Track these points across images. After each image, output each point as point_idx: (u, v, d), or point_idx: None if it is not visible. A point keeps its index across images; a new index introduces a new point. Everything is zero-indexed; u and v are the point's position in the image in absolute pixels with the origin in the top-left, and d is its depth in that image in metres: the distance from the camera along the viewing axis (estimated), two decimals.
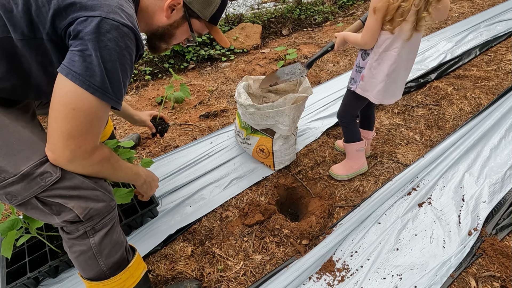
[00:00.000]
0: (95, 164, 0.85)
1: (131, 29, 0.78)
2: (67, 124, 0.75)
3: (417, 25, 1.21)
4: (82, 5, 0.74)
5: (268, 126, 1.68)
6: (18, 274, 1.24)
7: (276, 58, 3.08)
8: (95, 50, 0.72)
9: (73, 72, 0.73)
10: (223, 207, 1.62)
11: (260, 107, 1.58)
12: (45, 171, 0.78)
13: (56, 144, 0.77)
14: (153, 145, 2.05)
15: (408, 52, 1.32)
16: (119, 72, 0.78)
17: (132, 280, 1.04)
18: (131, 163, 1.05)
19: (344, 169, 1.73)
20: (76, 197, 0.83)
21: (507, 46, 3.02)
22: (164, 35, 1.02)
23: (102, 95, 0.76)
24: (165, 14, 0.95)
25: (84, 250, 0.91)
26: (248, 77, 1.88)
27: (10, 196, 0.78)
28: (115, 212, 0.97)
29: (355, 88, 1.45)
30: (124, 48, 0.77)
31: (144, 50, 0.87)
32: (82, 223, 0.87)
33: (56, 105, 0.75)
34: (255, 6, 4.17)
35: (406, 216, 1.53)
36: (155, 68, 2.90)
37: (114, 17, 0.74)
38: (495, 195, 1.60)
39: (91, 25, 0.72)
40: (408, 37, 1.24)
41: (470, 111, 2.21)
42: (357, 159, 1.70)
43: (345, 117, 1.60)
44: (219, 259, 1.38)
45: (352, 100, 1.53)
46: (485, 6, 3.96)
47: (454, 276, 1.28)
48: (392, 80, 1.36)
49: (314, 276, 1.32)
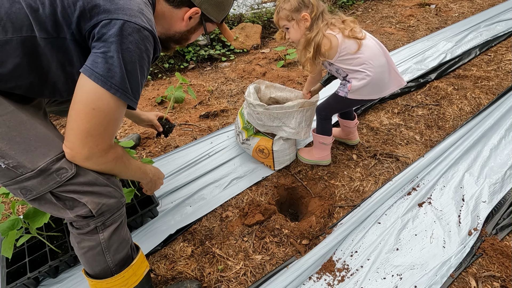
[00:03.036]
0: (109, 162, 0.88)
1: (151, 32, 0.82)
2: (86, 123, 0.78)
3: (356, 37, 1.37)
4: (105, 8, 0.77)
5: (273, 128, 1.70)
6: (18, 274, 1.24)
7: (276, 58, 3.09)
8: (117, 52, 0.76)
9: (96, 73, 0.76)
10: (223, 207, 1.62)
11: (269, 107, 1.61)
12: (61, 167, 0.81)
13: (74, 142, 0.80)
14: (153, 145, 2.05)
15: (370, 52, 1.39)
16: (138, 74, 0.82)
17: (134, 278, 1.05)
18: (140, 162, 1.09)
19: (307, 154, 1.85)
20: (90, 193, 0.86)
21: (507, 46, 3.02)
22: (181, 39, 1.09)
23: (122, 95, 0.79)
24: (184, 24, 1.01)
25: (93, 246, 0.93)
26: (261, 81, 1.90)
27: (25, 191, 0.80)
28: (124, 209, 1.00)
29: (344, 94, 1.49)
30: (144, 50, 0.81)
31: (160, 52, 0.91)
32: (93, 218, 0.89)
33: (77, 105, 0.78)
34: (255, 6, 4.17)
35: (406, 216, 1.53)
36: (155, 68, 2.90)
37: (136, 21, 0.78)
38: (495, 195, 1.60)
39: (115, 28, 0.75)
40: (357, 47, 1.36)
41: (470, 111, 2.21)
42: (320, 150, 1.78)
43: (324, 111, 1.67)
44: (219, 259, 1.38)
45: (338, 104, 1.58)
46: (485, 6, 3.96)
47: (454, 276, 1.28)
48: (377, 76, 1.42)
49: (314, 276, 1.32)
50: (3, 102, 0.78)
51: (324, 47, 1.36)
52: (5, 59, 0.76)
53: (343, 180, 1.74)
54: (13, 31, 0.76)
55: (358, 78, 1.41)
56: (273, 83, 1.92)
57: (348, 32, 1.36)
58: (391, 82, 1.48)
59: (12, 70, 0.78)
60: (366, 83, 1.40)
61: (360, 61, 1.38)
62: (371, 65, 1.38)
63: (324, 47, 1.36)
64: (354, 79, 1.43)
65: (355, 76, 1.42)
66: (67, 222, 0.94)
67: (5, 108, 0.78)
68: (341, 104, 1.58)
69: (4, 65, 0.77)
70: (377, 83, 1.43)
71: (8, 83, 0.79)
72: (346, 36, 1.36)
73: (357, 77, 1.41)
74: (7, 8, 0.75)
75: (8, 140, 0.76)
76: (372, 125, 2.12)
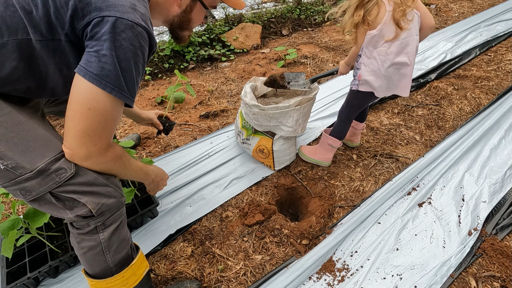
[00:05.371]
0: (109, 162, 0.88)
1: (145, 28, 0.80)
2: (83, 123, 0.78)
3: (399, 25, 1.26)
4: (97, 6, 0.76)
5: (271, 127, 1.69)
6: (18, 274, 1.24)
7: (276, 58, 3.09)
8: (111, 50, 0.75)
9: (90, 72, 0.75)
10: (223, 207, 1.62)
11: (265, 108, 1.60)
12: (60, 167, 0.80)
13: (72, 142, 0.80)
14: (153, 145, 2.05)
15: (399, 48, 1.33)
16: (133, 71, 0.81)
17: (134, 278, 1.05)
18: (142, 163, 1.09)
19: (310, 152, 1.84)
20: (89, 193, 0.86)
21: (507, 46, 3.02)
22: (182, 23, 1.06)
23: (118, 93, 0.79)
24: (176, 3, 0.98)
25: (93, 246, 0.93)
26: (256, 78, 1.90)
27: (24, 192, 0.80)
28: (124, 209, 0.99)
29: (356, 87, 1.46)
30: (138, 47, 0.80)
31: (156, 47, 0.90)
32: (93, 218, 0.89)
33: (73, 105, 0.78)
34: (255, 6, 4.17)
35: (406, 216, 1.53)
36: (155, 68, 2.90)
37: (129, 17, 0.77)
38: (495, 195, 1.60)
39: (107, 25, 0.74)
40: (392, 37, 1.28)
41: (470, 111, 2.21)
42: (325, 151, 1.78)
43: (344, 112, 1.65)
44: (219, 259, 1.38)
45: (354, 99, 1.56)
46: (485, 6, 3.96)
47: (454, 276, 1.28)
48: (395, 77, 1.39)
49: (314, 276, 1.32)
50: (0, 104, 0.78)
51: (370, 16, 1.24)
52: (2, 63, 0.76)
53: (343, 180, 1.74)
54: (9, 34, 0.75)
55: (369, 69, 1.35)
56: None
57: (398, 14, 1.22)
58: (398, 88, 1.43)
59: (10, 73, 0.78)
60: (376, 77, 1.37)
61: (382, 52, 1.30)
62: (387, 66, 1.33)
63: (370, 16, 1.24)
64: (365, 67, 1.36)
65: (367, 63, 1.35)
66: (67, 222, 0.94)
67: (2, 109, 0.78)
68: (357, 100, 1.54)
69: (1, 68, 0.76)
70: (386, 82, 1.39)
71: (5, 87, 0.79)
72: (392, 17, 1.24)
73: (369, 66, 1.35)
74: (1, 11, 0.75)
75: (6, 142, 0.76)
76: (372, 125, 2.12)
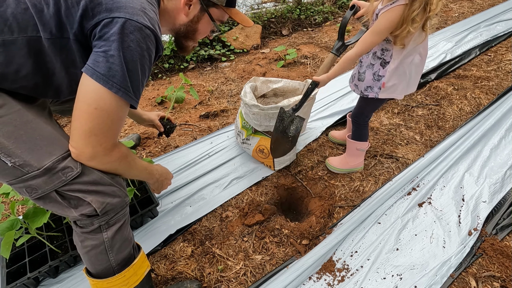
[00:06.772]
0: (114, 161, 0.88)
1: (153, 31, 0.81)
2: (89, 122, 0.78)
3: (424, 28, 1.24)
4: (107, 7, 0.77)
5: (271, 127, 1.69)
6: (18, 274, 1.24)
7: (276, 58, 3.08)
8: (118, 51, 0.76)
9: (98, 72, 0.76)
10: (223, 207, 1.62)
11: (264, 107, 1.60)
12: (66, 166, 0.81)
13: (78, 142, 0.81)
14: (153, 145, 2.05)
15: (423, 49, 1.36)
16: (139, 72, 0.82)
17: (135, 278, 1.05)
18: (146, 163, 1.09)
19: (340, 163, 1.77)
20: (94, 192, 0.86)
21: (507, 46, 3.02)
22: (188, 33, 1.06)
23: (124, 94, 0.79)
24: (183, 12, 0.99)
25: (96, 245, 0.94)
26: (256, 78, 1.89)
27: (30, 189, 0.80)
28: (128, 208, 1.00)
29: (375, 95, 1.44)
30: (145, 49, 0.81)
31: (163, 51, 0.90)
32: (97, 217, 0.90)
33: (80, 104, 0.79)
34: (255, 6, 4.17)
35: (406, 216, 1.53)
36: (155, 68, 2.90)
37: (138, 19, 0.77)
38: (495, 195, 1.60)
39: (116, 26, 0.75)
40: (421, 41, 1.28)
41: (470, 111, 2.21)
42: (355, 157, 1.73)
43: (359, 118, 1.63)
44: (219, 259, 1.38)
45: (370, 105, 1.56)
46: (485, 6, 3.96)
47: (454, 276, 1.28)
48: (413, 76, 1.40)
49: (314, 276, 1.32)
50: (9, 101, 0.78)
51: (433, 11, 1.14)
52: (11, 59, 0.77)
53: (343, 180, 1.74)
54: (19, 31, 0.76)
55: (395, 75, 1.35)
56: (269, 78, 1.91)
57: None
58: (412, 86, 1.45)
59: (18, 70, 0.78)
60: (399, 81, 1.37)
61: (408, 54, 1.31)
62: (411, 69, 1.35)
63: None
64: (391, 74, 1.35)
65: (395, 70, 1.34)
66: (70, 220, 0.95)
67: (11, 107, 0.78)
68: (374, 105, 1.55)
69: (10, 65, 0.77)
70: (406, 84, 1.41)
71: (14, 83, 0.80)
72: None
73: (396, 72, 1.35)
74: (13, 8, 0.75)
75: (15, 139, 0.76)
76: (372, 125, 2.12)
